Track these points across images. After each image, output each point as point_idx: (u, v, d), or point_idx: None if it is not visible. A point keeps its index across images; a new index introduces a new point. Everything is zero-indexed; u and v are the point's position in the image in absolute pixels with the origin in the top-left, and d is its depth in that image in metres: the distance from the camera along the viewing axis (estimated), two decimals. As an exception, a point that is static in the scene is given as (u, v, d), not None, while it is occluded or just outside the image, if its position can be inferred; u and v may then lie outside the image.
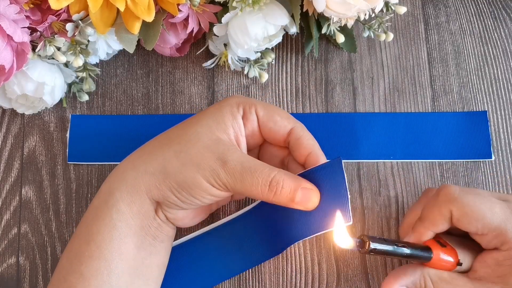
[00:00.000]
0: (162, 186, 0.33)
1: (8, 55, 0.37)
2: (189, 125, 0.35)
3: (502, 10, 0.48)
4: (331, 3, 0.37)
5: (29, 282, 0.41)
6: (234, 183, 0.33)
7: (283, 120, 0.36)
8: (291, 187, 0.32)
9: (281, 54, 0.47)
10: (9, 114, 0.45)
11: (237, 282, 0.41)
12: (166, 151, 0.34)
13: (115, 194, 0.34)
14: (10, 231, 0.42)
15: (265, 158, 0.39)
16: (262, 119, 0.36)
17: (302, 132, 0.36)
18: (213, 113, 0.35)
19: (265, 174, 0.32)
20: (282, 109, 0.38)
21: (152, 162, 0.34)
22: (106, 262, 0.33)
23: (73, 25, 0.38)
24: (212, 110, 0.36)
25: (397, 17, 0.48)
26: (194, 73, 0.46)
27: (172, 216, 0.35)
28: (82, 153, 0.44)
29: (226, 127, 0.35)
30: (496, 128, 0.45)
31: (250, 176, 0.32)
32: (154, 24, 0.39)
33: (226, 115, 0.35)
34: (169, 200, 0.34)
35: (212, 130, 0.34)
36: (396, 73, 0.46)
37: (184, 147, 0.34)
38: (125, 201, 0.34)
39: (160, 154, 0.34)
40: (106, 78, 0.46)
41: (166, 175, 0.33)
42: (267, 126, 0.36)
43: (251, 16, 0.39)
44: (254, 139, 0.37)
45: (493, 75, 0.46)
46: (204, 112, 0.36)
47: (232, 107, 0.35)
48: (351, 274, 0.41)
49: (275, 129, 0.36)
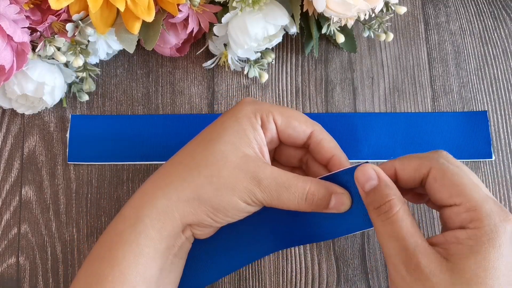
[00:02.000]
0: (197, 212, 0.33)
1: (8, 55, 0.37)
2: (211, 143, 0.34)
3: (502, 10, 0.48)
4: (331, 3, 0.37)
5: (29, 282, 0.41)
6: (271, 199, 0.33)
7: (302, 125, 0.36)
8: (325, 195, 0.33)
9: (281, 54, 0.47)
10: (9, 114, 0.45)
11: (237, 282, 0.41)
12: (197, 177, 0.33)
13: (144, 220, 0.33)
14: (10, 231, 0.42)
15: (282, 159, 0.39)
16: (281, 126, 0.36)
17: (321, 134, 0.36)
18: (232, 127, 0.34)
19: (300, 188, 0.33)
20: (298, 112, 0.37)
21: (184, 190, 0.33)
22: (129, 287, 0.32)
23: (73, 25, 0.38)
24: (231, 123, 0.35)
25: (397, 17, 0.48)
26: (194, 73, 0.46)
27: (200, 233, 0.35)
28: (82, 153, 0.44)
29: (250, 141, 0.34)
30: (496, 128, 0.45)
31: (286, 192, 0.33)
32: (154, 24, 0.39)
33: (247, 128, 0.34)
34: (204, 223, 0.34)
35: (237, 147, 0.33)
36: (396, 73, 0.46)
37: (214, 170, 0.33)
38: (156, 227, 0.33)
39: (191, 180, 0.33)
40: (106, 78, 0.46)
41: (201, 201, 0.33)
42: (286, 133, 0.36)
43: (251, 16, 0.39)
44: (272, 144, 0.37)
45: (493, 75, 0.46)
46: (221, 125, 0.35)
47: (251, 118, 0.35)
48: (351, 274, 0.41)
49: (294, 135, 0.36)
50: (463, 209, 0.29)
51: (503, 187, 0.43)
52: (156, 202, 0.33)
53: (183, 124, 0.45)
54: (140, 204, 0.34)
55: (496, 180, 0.43)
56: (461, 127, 0.44)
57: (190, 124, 0.45)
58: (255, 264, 0.42)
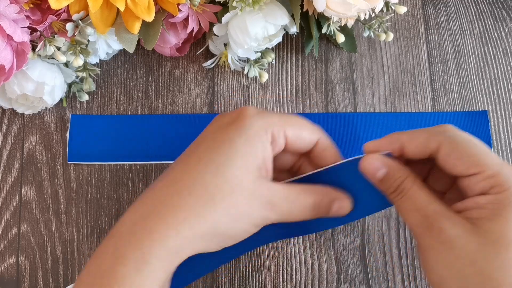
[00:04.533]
0: (210, 244, 0.32)
1: (8, 55, 0.37)
2: (222, 168, 0.31)
3: (502, 10, 0.48)
4: (331, 3, 0.37)
5: (29, 282, 0.41)
6: (282, 218, 0.33)
7: (311, 136, 0.35)
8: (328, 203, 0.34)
9: (281, 54, 0.47)
10: (9, 114, 0.45)
11: (237, 282, 0.41)
12: (214, 211, 0.30)
13: (152, 262, 0.30)
14: (10, 231, 0.42)
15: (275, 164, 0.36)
16: (291, 140, 0.34)
17: (326, 141, 0.35)
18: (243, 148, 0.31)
19: (309, 201, 0.33)
20: (304, 119, 0.35)
21: (201, 227, 0.30)
22: None
23: (73, 25, 0.38)
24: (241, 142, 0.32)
25: (397, 17, 0.48)
26: (194, 73, 0.46)
27: None
28: (82, 153, 0.44)
29: (260, 161, 0.32)
30: (496, 128, 0.45)
31: (297, 209, 0.33)
32: (154, 24, 0.39)
33: (258, 149, 0.32)
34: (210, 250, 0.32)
35: (249, 171, 0.31)
36: (396, 73, 0.46)
37: (231, 201, 0.31)
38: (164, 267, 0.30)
39: (207, 214, 0.30)
40: (106, 78, 0.46)
41: (216, 234, 0.31)
42: (294, 144, 0.34)
43: (251, 16, 0.39)
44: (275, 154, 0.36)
45: (493, 75, 0.46)
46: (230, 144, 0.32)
47: (262, 136, 0.32)
48: (351, 274, 0.41)
49: (302, 145, 0.35)
50: (482, 177, 0.30)
51: (503, 187, 0.43)
52: (167, 242, 0.30)
53: (183, 124, 0.45)
54: (148, 244, 0.30)
55: (496, 180, 0.43)
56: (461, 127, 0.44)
57: (190, 124, 0.45)
58: (255, 264, 0.42)
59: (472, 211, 0.29)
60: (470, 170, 0.30)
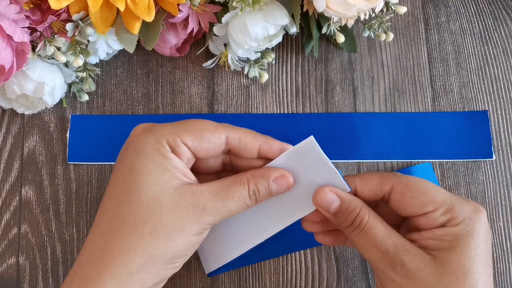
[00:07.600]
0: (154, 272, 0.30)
1: (8, 55, 0.37)
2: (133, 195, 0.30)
3: (502, 10, 0.48)
4: (331, 3, 0.37)
5: (29, 282, 0.41)
6: (221, 216, 0.32)
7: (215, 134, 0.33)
8: (265, 186, 0.33)
9: (281, 54, 0.47)
10: (9, 114, 0.45)
11: (237, 282, 0.41)
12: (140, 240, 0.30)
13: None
14: (10, 231, 0.42)
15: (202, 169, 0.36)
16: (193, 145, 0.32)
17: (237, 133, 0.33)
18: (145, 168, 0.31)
19: (242, 192, 0.32)
20: (202, 120, 0.33)
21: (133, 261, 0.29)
22: None
23: (73, 25, 0.38)
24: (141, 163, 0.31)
25: (397, 17, 0.48)
26: (194, 73, 0.46)
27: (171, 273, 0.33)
28: (82, 153, 0.44)
29: (171, 173, 0.31)
30: (496, 127, 0.45)
31: (232, 201, 0.32)
32: (154, 24, 0.39)
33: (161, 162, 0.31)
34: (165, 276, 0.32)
35: (162, 186, 0.30)
36: (396, 73, 0.46)
37: (154, 222, 0.30)
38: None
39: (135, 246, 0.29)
40: (106, 78, 0.46)
41: (157, 261, 0.30)
42: (201, 149, 0.33)
43: (251, 16, 0.39)
44: (190, 163, 0.34)
45: (493, 75, 0.46)
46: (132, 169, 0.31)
47: (159, 149, 0.31)
48: (351, 274, 0.41)
49: (211, 147, 0.33)
50: (439, 213, 0.32)
51: (503, 186, 0.43)
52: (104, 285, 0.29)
53: (183, 124, 0.45)
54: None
55: (497, 179, 0.43)
56: (462, 127, 0.44)
57: (190, 124, 0.45)
58: (255, 264, 0.42)
59: (428, 241, 0.31)
60: (426, 208, 0.32)
